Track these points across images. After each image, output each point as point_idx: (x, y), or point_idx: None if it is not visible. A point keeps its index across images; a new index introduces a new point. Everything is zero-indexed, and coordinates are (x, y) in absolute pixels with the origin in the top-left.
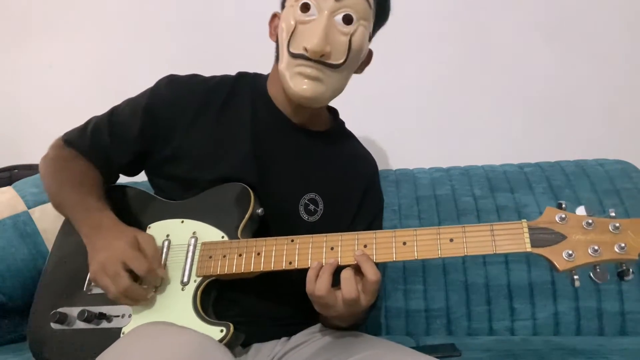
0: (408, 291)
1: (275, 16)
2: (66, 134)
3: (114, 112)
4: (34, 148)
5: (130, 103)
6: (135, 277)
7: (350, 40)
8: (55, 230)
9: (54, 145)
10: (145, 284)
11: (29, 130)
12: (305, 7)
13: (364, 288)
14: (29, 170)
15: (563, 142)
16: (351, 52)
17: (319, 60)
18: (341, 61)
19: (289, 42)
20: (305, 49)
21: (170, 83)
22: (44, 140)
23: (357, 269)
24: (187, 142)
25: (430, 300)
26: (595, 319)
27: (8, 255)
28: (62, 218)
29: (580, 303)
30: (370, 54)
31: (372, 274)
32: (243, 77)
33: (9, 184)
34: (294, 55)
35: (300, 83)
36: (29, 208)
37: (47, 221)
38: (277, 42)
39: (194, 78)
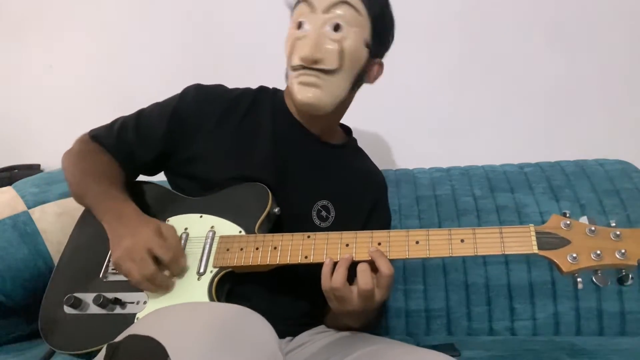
0: (408, 291)
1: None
2: (93, 130)
3: (141, 113)
4: (34, 148)
5: (157, 106)
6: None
7: (341, 46)
8: (56, 230)
9: (79, 139)
10: (164, 270)
11: (29, 130)
12: (299, 25)
13: (378, 282)
14: (29, 170)
15: (563, 142)
16: (344, 57)
17: (313, 67)
18: (335, 66)
19: (290, 57)
20: (300, 59)
21: (198, 90)
22: (44, 141)
23: (372, 266)
24: (209, 144)
25: (430, 300)
26: (595, 319)
27: (8, 255)
28: (62, 218)
29: (580, 303)
30: (380, 65)
31: (386, 268)
32: (264, 91)
33: (9, 184)
34: (294, 68)
35: (300, 91)
36: (29, 208)
37: (47, 221)
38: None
39: (219, 88)
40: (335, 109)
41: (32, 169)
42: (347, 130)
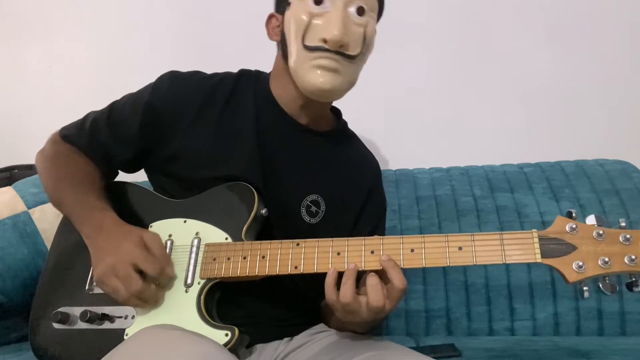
0: (408, 291)
1: (272, 17)
2: (63, 129)
3: (113, 107)
4: (34, 148)
5: (130, 99)
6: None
7: (364, 32)
8: (55, 231)
9: (50, 140)
10: (151, 283)
11: (29, 131)
12: (318, 0)
13: (389, 294)
14: (29, 170)
15: (563, 142)
16: (365, 44)
17: (338, 51)
18: (357, 52)
19: (303, 36)
20: (324, 40)
21: (172, 79)
22: (44, 141)
23: (380, 274)
24: (190, 140)
25: (430, 300)
26: (595, 319)
27: (8, 255)
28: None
29: (580, 303)
30: None
31: (399, 281)
32: (245, 75)
33: (9, 184)
34: (311, 49)
35: (317, 76)
36: (28, 208)
37: (47, 221)
38: (281, 41)
39: (196, 75)
40: None
41: (32, 169)
42: (336, 112)
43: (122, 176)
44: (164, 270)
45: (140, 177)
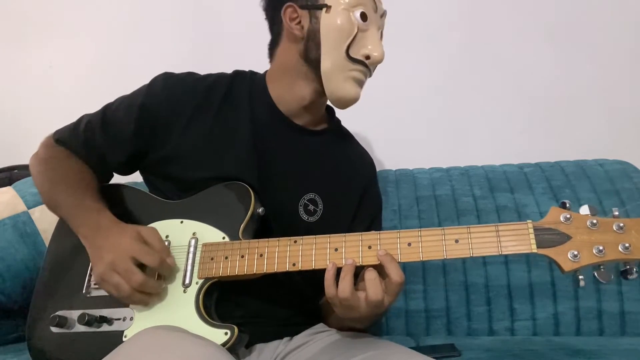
0: (408, 291)
1: (289, 7)
2: (57, 132)
3: (107, 110)
4: (34, 148)
5: (124, 101)
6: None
7: None
8: None
9: (44, 143)
10: (151, 275)
11: (28, 131)
12: (364, 17)
13: (388, 289)
14: (29, 170)
15: (563, 142)
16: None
17: (370, 69)
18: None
19: (349, 46)
20: (367, 57)
21: (167, 81)
22: None
23: (379, 269)
24: (185, 141)
25: (430, 300)
26: (595, 319)
27: (8, 255)
28: None
29: (580, 303)
30: None
31: (396, 275)
32: (240, 76)
33: (9, 184)
34: (354, 60)
35: (351, 87)
36: (28, 208)
37: (47, 221)
38: (306, 38)
39: (191, 76)
40: None
41: None
42: (329, 110)
43: (117, 178)
44: (164, 261)
45: (135, 178)
